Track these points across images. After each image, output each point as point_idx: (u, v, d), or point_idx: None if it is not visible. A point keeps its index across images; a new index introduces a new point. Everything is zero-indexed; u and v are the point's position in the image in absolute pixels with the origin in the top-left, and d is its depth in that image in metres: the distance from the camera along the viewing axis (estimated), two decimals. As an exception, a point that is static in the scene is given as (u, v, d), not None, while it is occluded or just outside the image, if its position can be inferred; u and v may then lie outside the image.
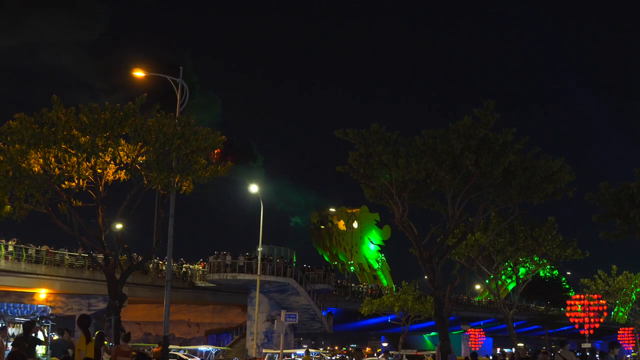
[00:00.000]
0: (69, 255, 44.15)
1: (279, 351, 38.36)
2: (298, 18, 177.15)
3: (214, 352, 46.73)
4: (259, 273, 44.47)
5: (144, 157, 22.13)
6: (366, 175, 26.84)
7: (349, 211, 79.73)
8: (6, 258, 40.02)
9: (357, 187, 28.49)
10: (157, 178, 21.66)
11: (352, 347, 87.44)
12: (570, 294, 55.71)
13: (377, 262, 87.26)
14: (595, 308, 37.93)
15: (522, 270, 43.91)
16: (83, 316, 12.95)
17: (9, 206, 21.92)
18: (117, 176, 22.81)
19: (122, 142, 21.86)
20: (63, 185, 22.15)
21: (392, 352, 51.84)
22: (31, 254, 41.76)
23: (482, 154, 24.96)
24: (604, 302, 39.27)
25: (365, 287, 67.36)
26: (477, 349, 55.16)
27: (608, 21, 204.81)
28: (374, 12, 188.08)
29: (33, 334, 16.19)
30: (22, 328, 17.04)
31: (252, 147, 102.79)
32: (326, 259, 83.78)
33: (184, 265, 52.09)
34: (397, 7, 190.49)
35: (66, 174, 21.67)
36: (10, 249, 40.56)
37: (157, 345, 30.79)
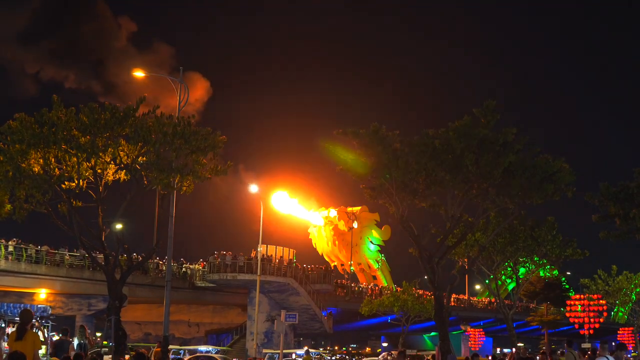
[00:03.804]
0: (69, 255, 44.18)
1: (279, 351, 38.38)
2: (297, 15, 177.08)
3: (213, 352, 46.70)
4: (259, 273, 44.49)
5: (144, 157, 22.14)
6: (366, 175, 26.86)
7: (349, 211, 79.68)
8: (6, 258, 40.06)
9: (357, 187, 28.53)
10: (157, 178, 21.68)
11: (352, 347, 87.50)
12: (570, 294, 55.78)
13: (377, 262, 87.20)
14: (595, 308, 37.98)
15: (522, 270, 43.95)
16: (23, 310, 12.31)
17: (9, 206, 21.94)
18: (117, 176, 22.82)
19: (122, 142, 21.87)
20: (63, 186, 22.16)
21: (393, 352, 51.88)
22: (31, 254, 41.79)
23: (482, 154, 24.97)
24: (603, 302, 39.34)
25: (365, 287, 67.39)
26: (477, 349, 55.25)
27: (608, 20, 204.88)
28: (371, 10, 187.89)
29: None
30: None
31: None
32: (326, 259, 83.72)
33: (184, 265, 52.11)
34: (396, 5, 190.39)
35: (66, 174, 21.67)
36: (11, 249, 40.60)
37: (156, 345, 30.82)
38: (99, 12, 75.29)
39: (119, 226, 24.46)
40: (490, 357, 34.65)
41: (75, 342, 20.10)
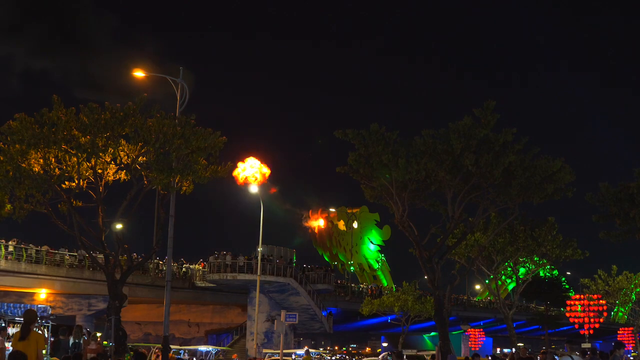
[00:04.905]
0: (69, 255, 44.16)
1: (279, 351, 38.37)
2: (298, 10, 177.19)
3: (214, 352, 46.70)
4: (259, 273, 44.47)
5: (144, 158, 22.15)
6: (366, 175, 26.86)
7: (349, 211, 79.67)
8: (6, 258, 40.03)
9: (357, 187, 28.56)
10: (157, 178, 21.67)
11: (352, 347, 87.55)
12: (570, 294, 55.76)
13: (377, 262, 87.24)
14: (595, 308, 37.89)
15: (522, 270, 43.95)
16: (28, 310, 12.36)
17: (9, 206, 21.93)
18: (118, 176, 22.84)
19: (123, 142, 21.87)
20: (63, 186, 22.17)
21: (393, 351, 51.85)
22: (31, 254, 41.76)
23: (482, 154, 24.99)
24: (603, 302, 39.26)
25: (365, 287, 67.39)
26: (477, 349, 55.16)
27: (609, 13, 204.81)
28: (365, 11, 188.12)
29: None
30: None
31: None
32: (326, 259, 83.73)
33: (184, 265, 52.10)
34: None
35: (66, 174, 21.68)
36: (11, 249, 40.56)
37: (156, 349, 30.81)
38: (82, 7, 75.04)
39: (119, 226, 24.45)
40: (490, 357, 34.64)
41: (70, 341, 20.15)
